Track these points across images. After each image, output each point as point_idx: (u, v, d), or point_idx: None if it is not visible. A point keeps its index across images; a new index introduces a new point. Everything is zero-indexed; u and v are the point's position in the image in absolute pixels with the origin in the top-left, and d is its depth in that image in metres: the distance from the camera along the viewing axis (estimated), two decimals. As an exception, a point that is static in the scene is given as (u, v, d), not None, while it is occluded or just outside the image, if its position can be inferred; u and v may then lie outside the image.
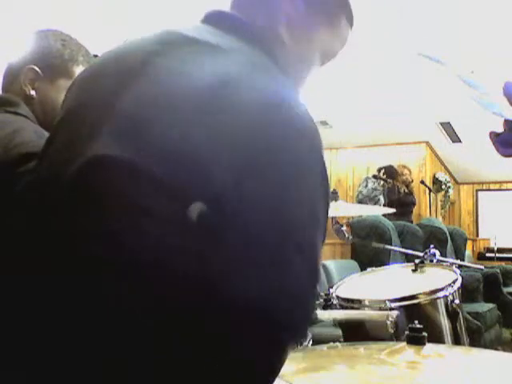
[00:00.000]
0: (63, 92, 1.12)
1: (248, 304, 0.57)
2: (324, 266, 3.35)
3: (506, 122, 0.77)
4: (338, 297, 1.65)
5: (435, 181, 7.59)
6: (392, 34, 4.52)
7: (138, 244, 0.58)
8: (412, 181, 6.31)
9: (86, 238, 0.61)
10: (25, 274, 0.67)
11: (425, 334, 1.08)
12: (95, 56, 1.22)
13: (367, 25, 4.46)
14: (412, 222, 5.79)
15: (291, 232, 0.61)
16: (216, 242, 0.57)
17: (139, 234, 0.58)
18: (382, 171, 5.90)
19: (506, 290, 4.95)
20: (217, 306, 0.57)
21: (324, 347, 1.26)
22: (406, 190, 6.14)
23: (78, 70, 1.17)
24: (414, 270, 1.80)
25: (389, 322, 1.50)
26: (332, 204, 2.15)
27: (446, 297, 1.56)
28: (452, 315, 1.55)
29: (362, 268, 3.40)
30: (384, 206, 5.35)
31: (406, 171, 6.26)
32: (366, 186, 5.91)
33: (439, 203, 7.74)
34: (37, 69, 1.17)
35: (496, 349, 3.37)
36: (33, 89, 1.17)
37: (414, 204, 6.23)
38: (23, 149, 0.93)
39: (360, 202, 5.73)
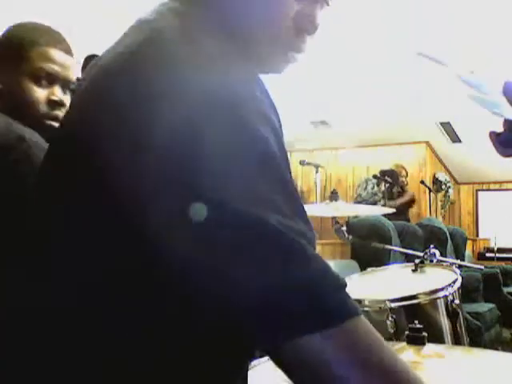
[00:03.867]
0: (28, 76, 1.09)
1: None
2: (324, 266, 3.34)
3: (506, 121, 0.77)
4: (337, 297, 1.65)
5: (435, 181, 7.58)
6: (392, 34, 4.52)
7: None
8: (407, 183, 6.26)
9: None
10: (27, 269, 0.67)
11: (425, 334, 1.08)
12: (93, 56, 1.19)
13: (367, 25, 4.46)
14: (409, 220, 5.79)
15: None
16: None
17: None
18: (383, 175, 5.86)
19: (506, 289, 4.95)
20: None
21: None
22: (400, 190, 6.10)
23: (41, 50, 1.11)
24: (414, 270, 1.80)
25: (389, 322, 1.50)
26: (332, 204, 2.15)
27: (446, 297, 1.56)
28: (452, 315, 1.55)
29: (362, 268, 3.39)
30: (383, 206, 5.35)
31: (403, 172, 6.24)
32: (366, 188, 5.89)
33: (439, 203, 7.73)
34: None
35: (496, 349, 3.37)
36: None
37: (412, 202, 6.18)
38: None
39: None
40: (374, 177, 5.80)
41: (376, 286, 1.79)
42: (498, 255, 7.50)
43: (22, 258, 0.68)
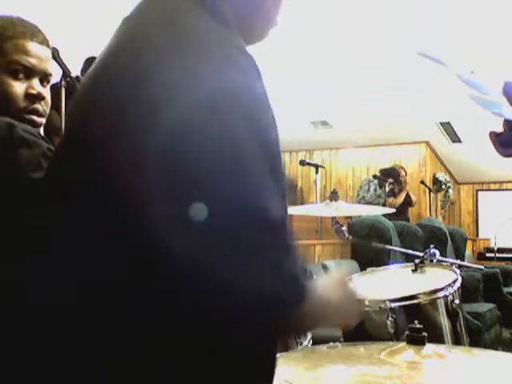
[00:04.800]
0: (5, 71, 1.06)
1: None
2: (324, 266, 3.35)
3: (506, 121, 0.77)
4: (337, 297, 1.65)
5: (435, 181, 7.58)
6: (392, 34, 4.52)
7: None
8: (406, 182, 6.21)
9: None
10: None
11: (425, 334, 1.08)
12: (93, 58, 1.17)
13: (367, 25, 4.46)
14: (409, 220, 5.78)
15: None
16: None
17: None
18: (384, 175, 5.82)
19: (506, 290, 4.94)
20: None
21: (324, 347, 1.26)
22: (401, 188, 6.07)
23: (17, 44, 1.08)
24: (414, 270, 1.80)
25: (389, 322, 1.50)
26: (332, 204, 2.15)
27: (446, 297, 1.56)
28: (452, 315, 1.55)
29: (362, 268, 3.39)
30: (384, 205, 5.33)
31: (402, 172, 6.22)
32: (369, 190, 5.86)
33: (439, 203, 7.73)
34: None
35: (496, 349, 3.37)
36: None
37: (411, 201, 6.15)
38: None
39: None
40: (375, 177, 5.78)
41: (376, 286, 1.79)
42: (498, 255, 7.49)
43: (22, 258, 0.68)
